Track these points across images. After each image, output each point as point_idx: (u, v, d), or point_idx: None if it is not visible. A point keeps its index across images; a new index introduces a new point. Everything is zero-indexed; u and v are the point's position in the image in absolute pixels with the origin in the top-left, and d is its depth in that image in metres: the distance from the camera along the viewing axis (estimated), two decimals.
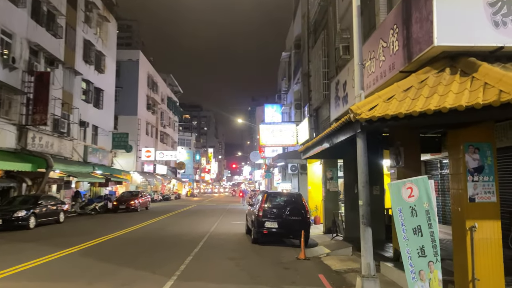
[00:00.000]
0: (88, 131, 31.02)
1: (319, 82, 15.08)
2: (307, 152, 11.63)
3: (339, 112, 11.59)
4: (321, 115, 15.79)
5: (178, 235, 14.87)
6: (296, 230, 12.16)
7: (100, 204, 26.50)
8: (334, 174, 16.04)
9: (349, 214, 12.56)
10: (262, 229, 12.23)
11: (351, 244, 11.40)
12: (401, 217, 5.21)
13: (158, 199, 46.66)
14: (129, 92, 43.37)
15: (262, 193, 13.31)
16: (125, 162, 40.08)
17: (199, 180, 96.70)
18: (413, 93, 6.12)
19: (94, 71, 31.97)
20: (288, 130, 20.32)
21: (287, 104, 26.71)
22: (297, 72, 23.02)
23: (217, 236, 14.55)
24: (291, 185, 27.91)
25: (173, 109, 62.45)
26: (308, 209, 12.65)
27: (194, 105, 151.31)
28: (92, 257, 10.15)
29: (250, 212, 14.37)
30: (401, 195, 5.22)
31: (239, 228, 17.21)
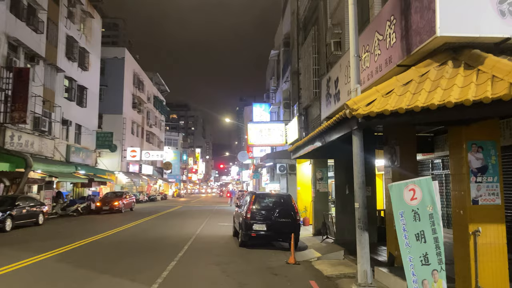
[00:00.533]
0: (71, 130, 30.13)
1: (309, 80, 14.64)
2: (298, 151, 11.16)
3: (330, 110, 11.14)
4: (311, 114, 15.34)
5: (162, 238, 14.26)
6: (286, 232, 11.67)
7: (83, 205, 25.66)
8: (324, 175, 15.62)
9: (340, 216, 12.13)
10: (250, 231, 11.72)
11: (343, 247, 10.96)
12: (402, 221, 4.75)
13: (143, 200, 45.79)
14: (114, 91, 42.43)
15: (250, 194, 12.79)
16: (109, 162, 39.18)
17: (186, 180, 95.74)
18: (413, 87, 5.67)
19: (77, 68, 31.07)
20: (277, 129, 19.83)
21: (275, 103, 26.24)
22: (286, 70, 22.57)
23: (203, 239, 13.98)
24: (280, 185, 27.45)
25: (160, 108, 61.52)
26: (298, 211, 12.18)
27: (181, 105, 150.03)
28: (68, 263, 9.50)
29: (237, 214, 13.84)
30: (403, 198, 4.76)
31: (226, 230, 16.67)
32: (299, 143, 10.66)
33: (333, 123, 6.75)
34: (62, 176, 24.76)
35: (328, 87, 11.37)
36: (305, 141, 9.71)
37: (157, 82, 63.18)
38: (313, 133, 8.59)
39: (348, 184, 11.91)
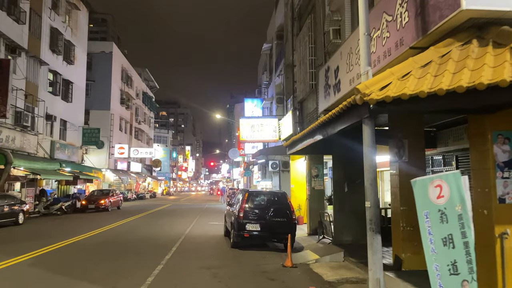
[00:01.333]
0: (55, 125, 29.03)
1: (305, 71, 13.90)
2: (294, 146, 10.41)
3: (329, 102, 10.41)
4: (306, 108, 14.62)
5: (149, 238, 13.42)
6: (281, 233, 10.95)
7: (67, 203, 24.64)
8: (319, 172, 14.91)
9: (338, 215, 11.42)
10: (242, 232, 10.95)
11: (342, 248, 10.26)
12: (428, 223, 4.02)
13: (132, 198, 44.79)
14: (101, 86, 41.31)
15: (243, 192, 12.02)
16: (96, 159, 38.13)
17: (176, 178, 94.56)
18: (434, 69, 4.94)
19: (62, 62, 29.95)
20: (270, 125, 19.06)
21: (268, 99, 25.46)
22: (279, 64, 21.81)
23: (192, 240, 13.18)
24: (272, 183, 26.73)
25: (149, 105, 60.37)
26: (294, 210, 11.44)
27: (171, 102, 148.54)
28: (44, 267, 8.64)
29: (229, 213, 13.07)
30: (428, 196, 4.03)
31: (217, 230, 15.88)
32: (296, 137, 9.91)
33: (338, 113, 6.01)
34: (45, 173, 23.72)
35: (326, 78, 10.64)
36: (303, 134, 8.97)
37: (146, 78, 61.97)
38: (313, 125, 7.84)
39: (347, 181, 11.22)
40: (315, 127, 7.61)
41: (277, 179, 25.99)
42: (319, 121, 7.36)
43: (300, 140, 9.38)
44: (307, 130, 8.48)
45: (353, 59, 8.46)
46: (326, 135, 7.37)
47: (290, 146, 11.02)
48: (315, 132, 7.89)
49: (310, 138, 8.49)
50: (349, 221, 11.14)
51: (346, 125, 6.10)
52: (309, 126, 8.37)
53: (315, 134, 7.97)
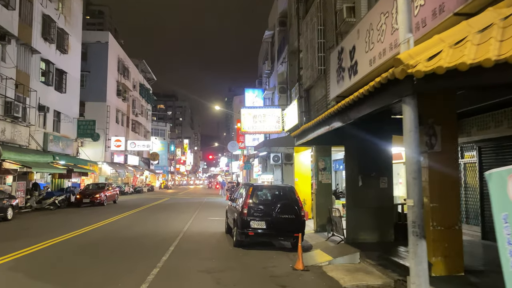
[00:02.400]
0: (48, 116, 27.93)
1: (312, 56, 12.87)
2: (304, 136, 9.43)
3: (343, 87, 9.41)
4: (313, 96, 13.61)
5: (145, 235, 12.45)
6: (289, 231, 10.00)
7: (61, 197, 23.63)
8: (327, 164, 13.95)
9: (351, 211, 10.44)
10: (247, 230, 9.98)
11: (356, 248, 9.31)
12: (507, 230, 3.03)
13: (129, 192, 43.78)
14: (97, 77, 40.13)
15: (247, 186, 11.02)
16: (92, 152, 37.08)
17: (174, 171, 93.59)
18: (499, 33, 3.94)
19: (55, 51, 28.78)
20: (273, 115, 18.03)
21: (270, 89, 24.41)
22: (282, 51, 20.76)
23: (191, 238, 12.21)
24: (273, 176, 25.76)
25: (146, 97, 59.16)
26: (302, 205, 10.47)
27: (169, 95, 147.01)
28: (22, 271, 7.65)
29: (231, 209, 12.10)
30: (506, 193, 3.04)
31: (217, 226, 14.93)
32: (307, 125, 8.91)
33: (367, 92, 5.00)
34: (37, 167, 22.67)
35: (340, 60, 9.63)
36: (317, 122, 7.98)
37: (143, 70, 60.74)
38: (330, 111, 6.84)
39: (362, 174, 10.24)
40: (333, 112, 6.61)
41: (279, 173, 25.01)
42: (338, 106, 6.36)
43: (312, 129, 8.40)
44: (322, 117, 7.49)
45: (374, 36, 7.45)
46: (347, 121, 6.39)
47: (299, 136, 10.04)
48: (333, 118, 6.90)
49: (325, 126, 7.51)
50: (363, 218, 10.18)
51: (376, 108, 5.11)
52: (325, 112, 7.38)
53: (332, 121, 6.98)
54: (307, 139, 9.36)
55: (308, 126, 8.80)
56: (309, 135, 9.02)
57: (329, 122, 7.22)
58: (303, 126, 9.23)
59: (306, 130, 9.14)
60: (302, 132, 9.55)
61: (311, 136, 8.85)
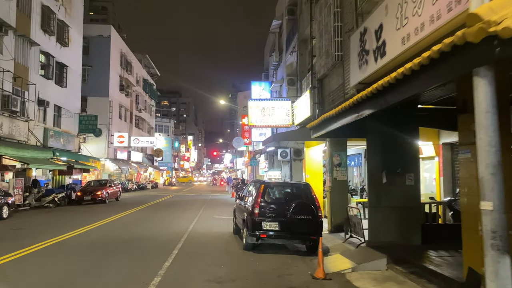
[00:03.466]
0: (49, 111, 27.06)
1: (328, 42, 11.85)
2: (324, 127, 8.44)
3: (366, 72, 8.38)
4: (328, 85, 12.59)
5: (145, 237, 11.50)
6: (305, 233, 9.03)
7: (61, 195, 22.76)
8: (342, 159, 12.93)
9: (374, 211, 9.44)
10: (258, 232, 9.01)
11: (381, 252, 8.32)
12: None
13: (132, 189, 42.93)
14: (99, 72, 39.25)
15: (257, 184, 10.03)
16: (95, 149, 36.29)
17: (178, 168, 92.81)
18: None
19: (56, 44, 27.88)
20: (282, 108, 17.01)
21: (277, 81, 23.38)
22: (291, 41, 19.72)
23: (197, 239, 11.25)
24: (281, 173, 24.80)
25: (150, 93, 58.26)
26: (320, 205, 9.46)
27: (173, 91, 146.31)
28: (4, 281, 6.72)
29: (240, 208, 11.13)
30: None
31: (224, 226, 13.98)
32: (329, 114, 7.90)
33: (417, 67, 3.99)
34: (36, 163, 21.81)
35: (362, 42, 8.60)
36: (343, 109, 6.98)
37: (146, 65, 59.80)
38: (361, 95, 5.85)
39: (386, 170, 9.23)
40: (365, 96, 5.62)
41: (287, 169, 24.05)
42: (373, 88, 5.36)
43: (335, 119, 7.40)
44: (350, 103, 6.49)
45: (409, 9, 6.42)
46: (383, 106, 5.38)
47: (316, 128, 9.04)
48: (364, 104, 5.91)
49: (352, 114, 6.51)
50: (387, 218, 9.17)
51: (428, 87, 4.12)
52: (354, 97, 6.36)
53: (363, 107, 5.99)
54: (327, 131, 8.38)
55: (329, 116, 7.80)
56: (330, 126, 8.03)
57: (358, 109, 6.23)
58: (322, 116, 8.22)
59: (326, 120, 8.14)
60: (321, 122, 8.55)
61: (333, 126, 7.87)
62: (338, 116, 7.40)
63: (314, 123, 9.23)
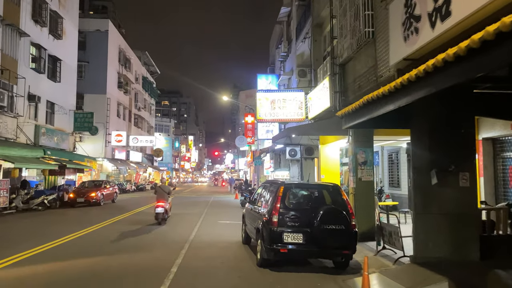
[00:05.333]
0: (40, 107, 25.26)
1: (353, 19, 10.06)
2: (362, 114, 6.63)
3: (415, 45, 6.58)
4: (353, 70, 10.80)
5: (138, 249, 9.68)
6: (336, 247, 7.22)
7: (51, 197, 20.95)
8: (368, 157, 11.14)
9: (421, 218, 7.62)
10: (277, 245, 7.21)
11: (437, 272, 6.52)
12: None
13: (131, 190, 41.14)
14: (97, 68, 37.53)
15: (275, 185, 8.18)
16: (92, 148, 34.52)
17: (179, 168, 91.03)
18: None
19: (48, 36, 26.12)
20: (294, 100, 15.18)
21: (286, 73, 21.58)
22: (302, 28, 17.95)
23: (200, 251, 9.44)
24: (289, 173, 23.00)
25: (149, 91, 56.47)
26: (353, 211, 7.65)
27: (174, 91, 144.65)
28: None
29: (251, 214, 9.34)
30: None
31: (231, 234, 12.16)
32: (377, 93, 6.08)
33: None
34: (24, 162, 20.02)
35: (409, 8, 6.80)
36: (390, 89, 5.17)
37: (146, 63, 58.04)
38: (443, 56, 4.03)
39: (437, 168, 7.42)
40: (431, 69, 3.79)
41: (296, 169, 22.26)
42: (449, 55, 3.56)
43: (392, 98, 5.57)
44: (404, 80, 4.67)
45: None
46: (480, 73, 3.59)
47: (350, 116, 7.25)
48: (443, 72, 4.07)
49: (423, 88, 4.69)
50: (437, 228, 7.38)
51: None
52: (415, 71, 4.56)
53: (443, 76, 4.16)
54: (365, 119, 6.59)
55: (378, 95, 5.98)
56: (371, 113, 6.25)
57: (432, 80, 4.43)
58: (365, 97, 6.42)
59: (370, 103, 6.32)
60: (362, 106, 6.71)
61: (376, 113, 6.09)
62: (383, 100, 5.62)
63: (348, 109, 7.42)
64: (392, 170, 18.21)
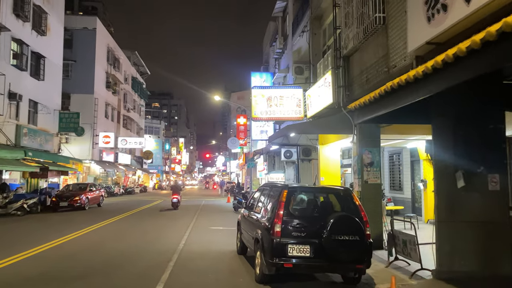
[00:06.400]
0: (22, 106, 23.97)
1: (361, 5, 9.10)
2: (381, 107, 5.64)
3: (442, 25, 5.61)
4: (359, 62, 9.84)
5: (120, 261, 8.60)
6: (349, 261, 6.21)
7: (32, 201, 19.68)
8: (375, 158, 10.18)
9: (446, 228, 6.64)
10: (280, 259, 6.17)
11: None
12: None
13: (119, 193, 39.77)
14: (84, 67, 36.29)
15: (277, 189, 7.13)
16: (78, 150, 33.23)
17: (169, 171, 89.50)
18: None
19: (31, 31, 24.88)
20: (292, 97, 14.18)
21: (281, 70, 20.60)
22: (299, 22, 17.00)
23: (190, 264, 8.36)
24: (285, 175, 22.01)
25: (139, 92, 55.15)
26: (367, 218, 6.64)
27: (164, 93, 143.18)
28: None
29: (248, 220, 8.29)
30: None
31: (224, 242, 11.10)
32: (406, 77, 5.09)
33: None
34: (2, 163, 18.76)
35: None
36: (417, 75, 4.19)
37: (135, 63, 56.75)
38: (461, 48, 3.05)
39: (464, 169, 6.46)
40: None
41: (291, 171, 21.27)
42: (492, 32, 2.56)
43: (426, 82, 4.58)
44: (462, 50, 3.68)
45: None
46: None
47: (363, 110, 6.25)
48: None
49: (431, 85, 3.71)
50: (464, 238, 6.42)
51: None
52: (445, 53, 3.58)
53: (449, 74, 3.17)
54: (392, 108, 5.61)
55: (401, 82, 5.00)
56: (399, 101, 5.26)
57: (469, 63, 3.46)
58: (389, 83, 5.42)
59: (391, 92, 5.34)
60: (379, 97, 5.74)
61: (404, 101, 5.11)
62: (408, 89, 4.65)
63: (361, 101, 6.42)
64: (393, 172, 17.32)
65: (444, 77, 4.84)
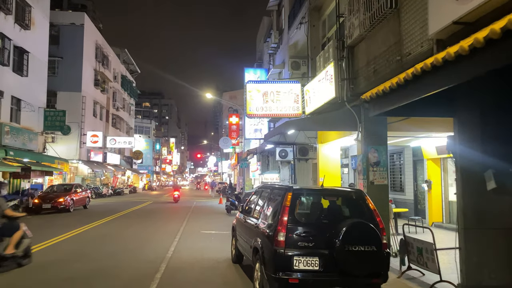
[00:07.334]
0: (4, 103, 22.86)
1: None
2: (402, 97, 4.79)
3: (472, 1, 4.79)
4: (366, 52, 9.00)
5: (100, 275, 7.64)
6: (365, 275, 5.34)
7: (12, 203, 18.52)
8: (381, 157, 9.35)
9: (473, 236, 5.80)
10: (286, 274, 5.28)
11: None
12: None
13: (107, 194, 38.59)
14: (71, 64, 35.14)
15: (279, 191, 6.22)
16: (65, 149, 32.12)
17: (160, 172, 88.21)
18: None
19: (13, 25, 23.74)
20: (289, 93, 13.30)
21: (277, 66, 19.71)
22: (296, 15, 16.15)
23: (179, 276, 7.43)
24: (280, 176, 21.17)
25: (129, 90, 53.92)
26: (384, 225, 5.79)
27: (155, 93, 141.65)
28: None
29: (245, 226, 7.39)
30: None
31: (217, 248, 10.19)
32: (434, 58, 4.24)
33: None
34: None
35: None
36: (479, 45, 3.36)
37: (125, 61, 55.54)
38: None
39: (495, 168, 5.63)
40: None
41: (286, 171, 20.45)
42: None
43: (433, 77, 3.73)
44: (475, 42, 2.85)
45: None
46: None
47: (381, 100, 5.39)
48: None
49: None
50: (495, 247, 5.60)
51: None
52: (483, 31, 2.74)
53: None
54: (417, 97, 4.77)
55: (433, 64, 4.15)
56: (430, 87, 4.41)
57: None
58: (418, 65, 4.58)
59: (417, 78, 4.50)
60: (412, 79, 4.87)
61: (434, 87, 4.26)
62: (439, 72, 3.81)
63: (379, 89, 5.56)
64: (394, 172, 16.54)
65: (485, 59, 4.01)
